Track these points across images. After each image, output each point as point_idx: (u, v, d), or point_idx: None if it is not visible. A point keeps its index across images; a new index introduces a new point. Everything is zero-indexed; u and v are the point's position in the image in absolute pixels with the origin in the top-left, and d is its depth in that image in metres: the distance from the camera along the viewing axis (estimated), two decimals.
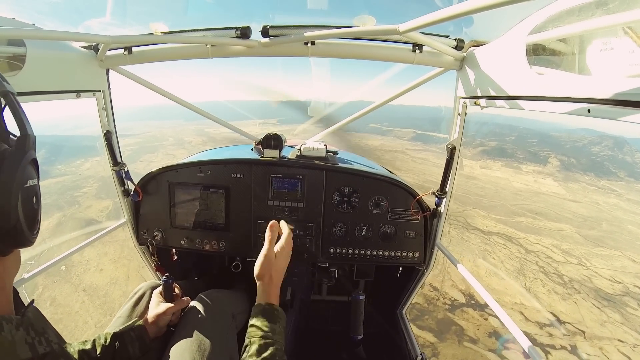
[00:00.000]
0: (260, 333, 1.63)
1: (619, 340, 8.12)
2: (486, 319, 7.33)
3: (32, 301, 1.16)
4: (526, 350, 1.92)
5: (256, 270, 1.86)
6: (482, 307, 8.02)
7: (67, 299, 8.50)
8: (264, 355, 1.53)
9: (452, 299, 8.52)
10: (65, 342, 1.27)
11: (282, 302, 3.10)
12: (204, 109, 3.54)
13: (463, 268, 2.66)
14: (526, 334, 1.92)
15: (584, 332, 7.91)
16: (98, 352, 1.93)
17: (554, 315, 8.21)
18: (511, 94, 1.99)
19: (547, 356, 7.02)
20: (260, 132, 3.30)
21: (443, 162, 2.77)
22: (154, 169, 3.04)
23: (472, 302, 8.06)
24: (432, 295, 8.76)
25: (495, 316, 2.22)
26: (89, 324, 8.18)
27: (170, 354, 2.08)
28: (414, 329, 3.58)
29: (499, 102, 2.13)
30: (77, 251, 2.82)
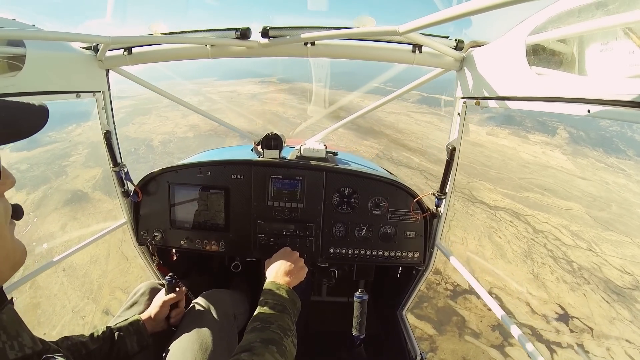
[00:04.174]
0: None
1: (626, 340, 8.09)
2: (490, 310, 7.35)
3: (11, 300, 1.17)
4: (526, 349, 2.03)
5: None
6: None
7: (46, 281, 8.56)
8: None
9: (455, 284, 8.49)
10: (41, 346, 1.25)
11: None
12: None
13: (463, 268, 2.80)
14: (531, 328, 1.94)
15: (592, 329, 7.88)
16: (95, 345, 2.01)
17: (562, 308, 8.19)
18: (511, 94, 2.05)
19: (553, 355, 7.01)
20: (260, 132, 3.24)
21: (447, 126, 2.86)
22: (155, 169, 3.16)
23: (479, 287, 8.08)
24: (433, 280, 8.73)
25: (495, 314, 2.46)
26: (67, 308, 8.21)
27: (171, 352, 2.18)
28: (411, 319, 3.54)
29: (499, 103, 2.20)
30: (77, 251, 2.90)
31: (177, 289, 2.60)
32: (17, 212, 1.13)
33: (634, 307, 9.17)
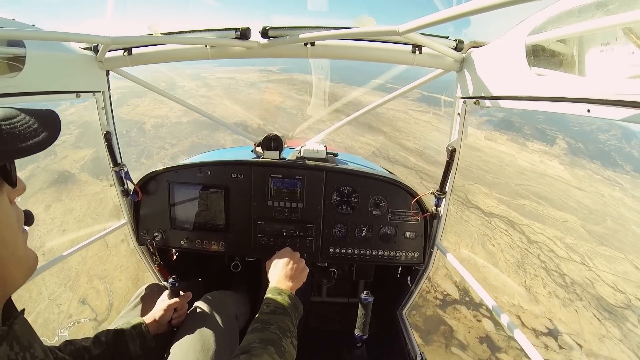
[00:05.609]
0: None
1: None
2: (479, 321, 7.15)
3: (23, 311, 1.18)
4: (526, 352, 2.02)
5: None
6: (476, 306, 7.85)
7: None
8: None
9: (445, 293, 8.37)
10: (52, 357, 1.26)
11: None
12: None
13: (462, 267, 2.78)
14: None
15: (581, 346, 7.74)
16: (98, 350, 1.98)
17: (553, 323, 8.05)
18: (511, 94, 2.06)
19: None
20: (257, 127, 3.21)
21: (445, 127, 2.79)
22: (159, 168, 3.17)
23: (467, 299, 7.87)
24: (424, 287, 8.55)
25: (495, 317, 2.26)
26: (43, 295, 8.09)
27: (173, 353, 2.18)
28: None
29: (499, 103, 2.21)
30: (77, 251, 2.91)
31: (181, 292, 2.60)
32: (28, 218, 1.14)
33: (625, 326, 9.09)
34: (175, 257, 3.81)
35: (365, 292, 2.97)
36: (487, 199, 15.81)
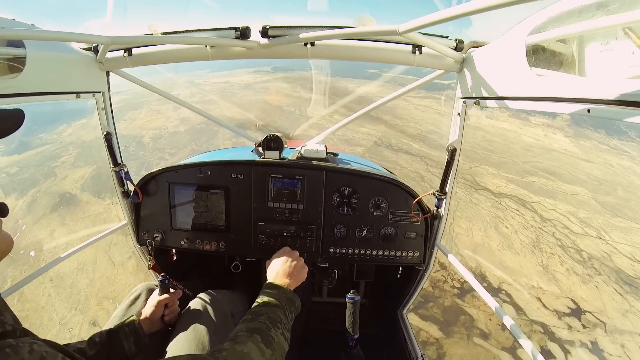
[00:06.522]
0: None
1: None
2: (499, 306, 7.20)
3: None
4: (529, 353, 2.04)
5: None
6: (494, 291, 7.76)
7: (34, 293, 8.49)
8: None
9: (462, 280, 8.30)
10: (22, 326, 1.42)
11: None
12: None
13: (462, 267, 2.84)
14: (543, 325, 1.98)
15: (605, 323, 7.69)
16: (93, 351, 2.02)
17: (575, 302, 8.00)
18: (511, 94, 2.09)
19: (567, 357, 6.84)
20: (259, 131, 3.23)
21: (445, 109, 2.75)
22: (154, 170, 3.20)
23: (485, 285, 7.79)
24: (439, 277, 8.51)
25: (498, 317, 2.48)
26: (54, 321, 8.16)
27: (168, 352, 2.23)
28: (416, 321, 3.48)
29: (499, 103, 2.24)
30: (76, 252, 2.95)
31: (171, 289, 2.64)
32: (2, 210, 1.30)
33: None
34: (175, 257, 3.87)
35: (352, 291, 2.99)
36: (495, 179, 15.72)
